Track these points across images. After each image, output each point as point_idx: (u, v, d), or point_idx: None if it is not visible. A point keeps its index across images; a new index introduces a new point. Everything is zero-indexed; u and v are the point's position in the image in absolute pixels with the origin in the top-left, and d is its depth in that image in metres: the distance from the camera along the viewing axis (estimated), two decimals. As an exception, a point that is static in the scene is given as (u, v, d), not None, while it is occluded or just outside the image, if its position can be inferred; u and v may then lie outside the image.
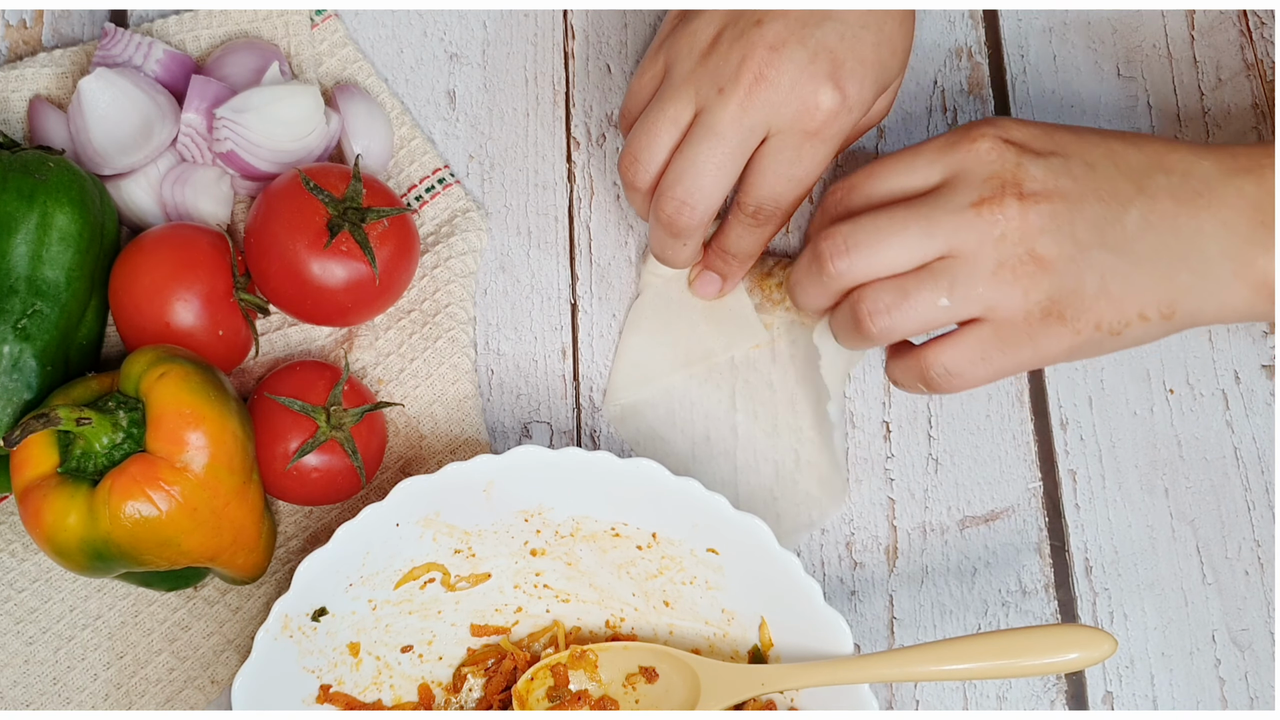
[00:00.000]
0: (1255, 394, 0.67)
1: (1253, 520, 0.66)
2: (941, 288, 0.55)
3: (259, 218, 0.62)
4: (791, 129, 0.58)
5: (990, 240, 0.54)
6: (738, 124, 0.57)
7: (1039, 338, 0.55)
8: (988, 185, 0.55)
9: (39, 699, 0.62)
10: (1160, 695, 0.64)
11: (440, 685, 0.62)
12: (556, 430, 0.66)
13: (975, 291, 0.54)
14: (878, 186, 0.57)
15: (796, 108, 0.57)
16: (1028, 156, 0.55)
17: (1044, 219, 0.54)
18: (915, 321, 0.55)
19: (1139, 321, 0.55)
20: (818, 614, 0.58)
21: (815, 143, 0.58)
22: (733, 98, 0.57)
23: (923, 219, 0.55)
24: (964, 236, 0.54)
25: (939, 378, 0.56)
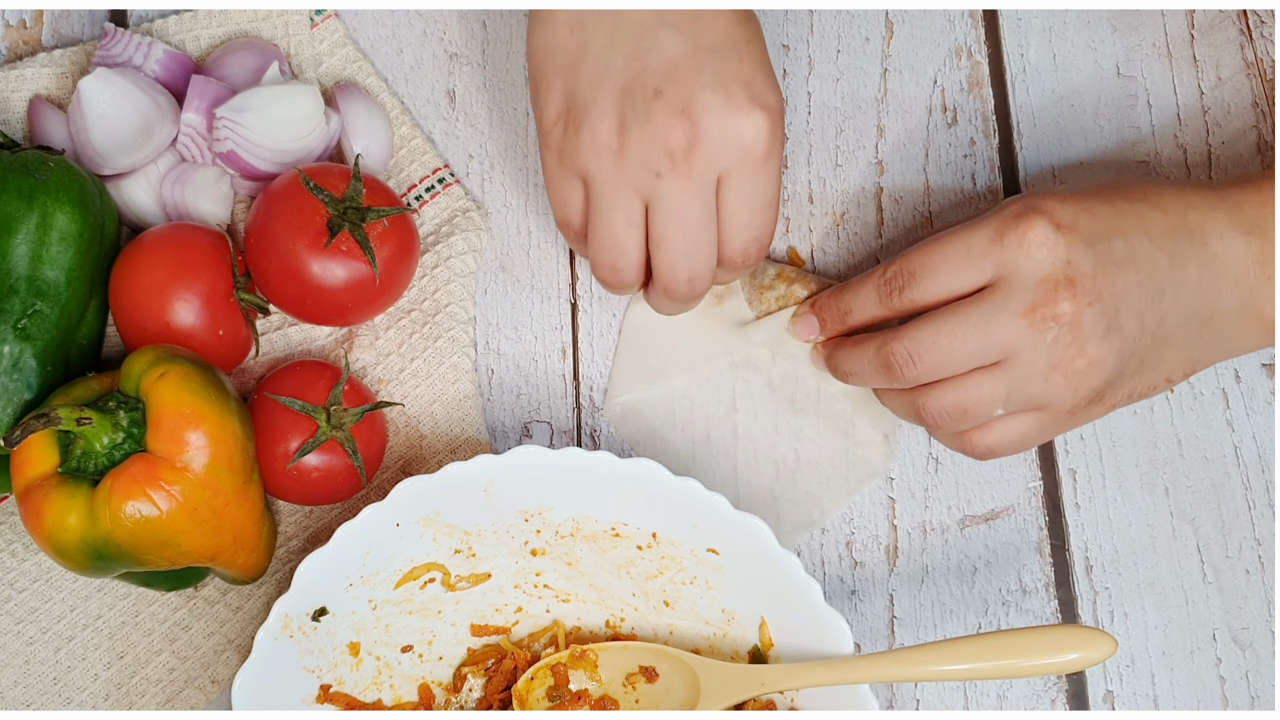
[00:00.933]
0: (1256, 393, 0.67)
1: (1253, 519, 0.66)
2: (999, 397, 0.58)
3: (259, 218, 0.62)
4: (742, 166, 0.56)
5: (1044, 345, 0.56)
6: (691, 193, 0.56)
7: (1081, 418, 0.59)
8: (1040, 289, 0.56)
9: (39, 699, 0.62)
10: (1161, 694, 0.64)
11: (440, 685, 0.62)
12: (557, 430, 0.66)
13: (1029, 393, 0.57)
14: (932, 287, 0.59)
15: (737, 147, 0.56)
16: (1076, 248, 0.57)
17: (1095, 319, 0.56)
18: (972, 424, 0.59)
19: (1164, 384, 0.60)
20: (818, 614, 0.58)
21: (768, 164, 0.57)
22: (676, 176, 0.56)
23: (978, 331, 0.57)
24: (1019, 344, 0.57)
25: (981, 454, 0.60)
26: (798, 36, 0.71)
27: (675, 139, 0.55)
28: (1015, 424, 0.59)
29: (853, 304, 0.62)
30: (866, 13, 0.71)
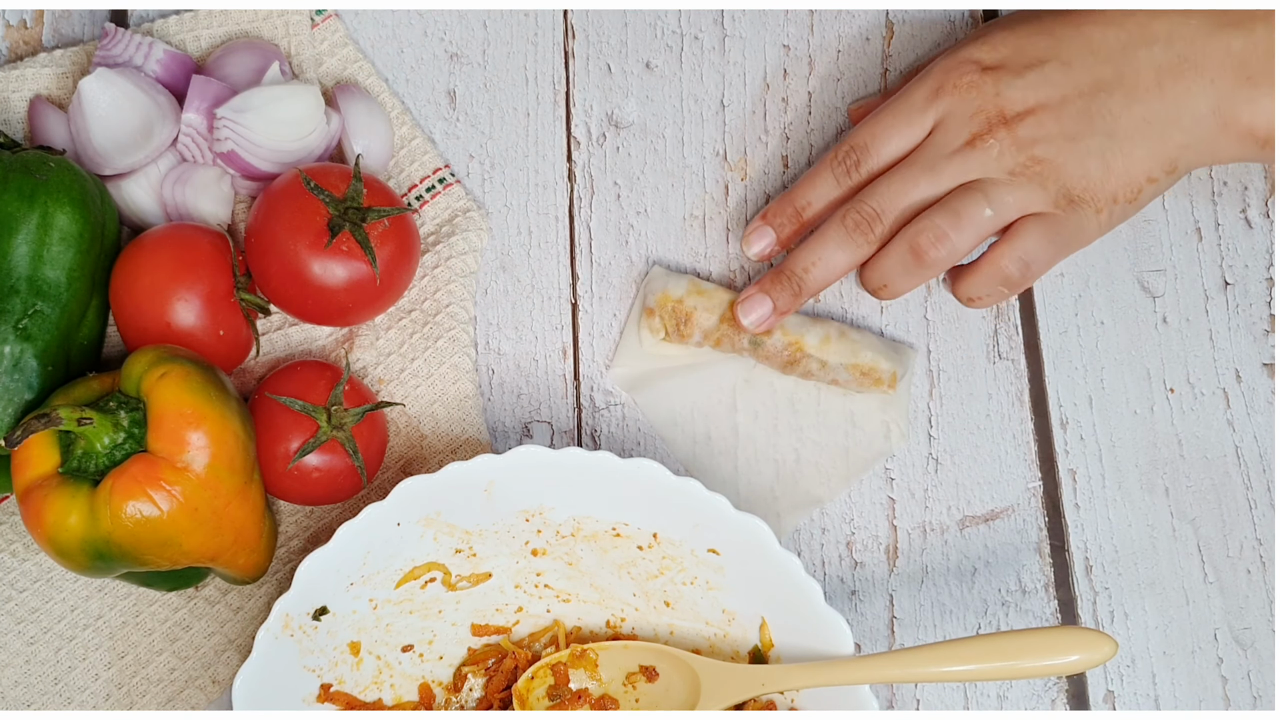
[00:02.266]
0: (1257, 392, 0.67)
1: (1254, 519, 0.66)
2: (980, 201, 0.60)
3: (259, 218, 0.62)
4: None
5: (993, 160, 0.61)
6: None
7: (1074, 221, 0.61)
8: (974, 122, 0.61)
9: (40, 699, 0.62)
10: (1162, 694, 0.64)
11: (441, 685, 0.62)
12: (557, 430, 0.66)
13: (1004, 197, 0.60)
14: (884, 151, 0.62)
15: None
16: (1005, 79, 0.61)
17: (1031, 129, 0.61)
18: (970, 236, 0.61)
19: (1148, 184, 0.62)
20: (818, 614, 0.58)
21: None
22: None
23: (927, 170, 0.61)
24: (969, 168, 0.61)
25: (1019, 271, 0.61)
26: (798, 36, 0.71)
27: None
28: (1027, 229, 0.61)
29: (810, 196, 0.64)
30: (866, 13, 0.71)
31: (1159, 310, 0.68)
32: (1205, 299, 0.68)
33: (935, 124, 0.62)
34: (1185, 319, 0.68)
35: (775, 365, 0.66)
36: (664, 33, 0.71)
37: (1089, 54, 0.61)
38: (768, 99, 0.70)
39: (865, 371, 0.65)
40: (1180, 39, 0.60)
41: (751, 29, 0.71)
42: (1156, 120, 0.61)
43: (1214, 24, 0.60)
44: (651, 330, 0.66)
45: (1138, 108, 0.61)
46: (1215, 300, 0.68)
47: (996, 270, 0.62)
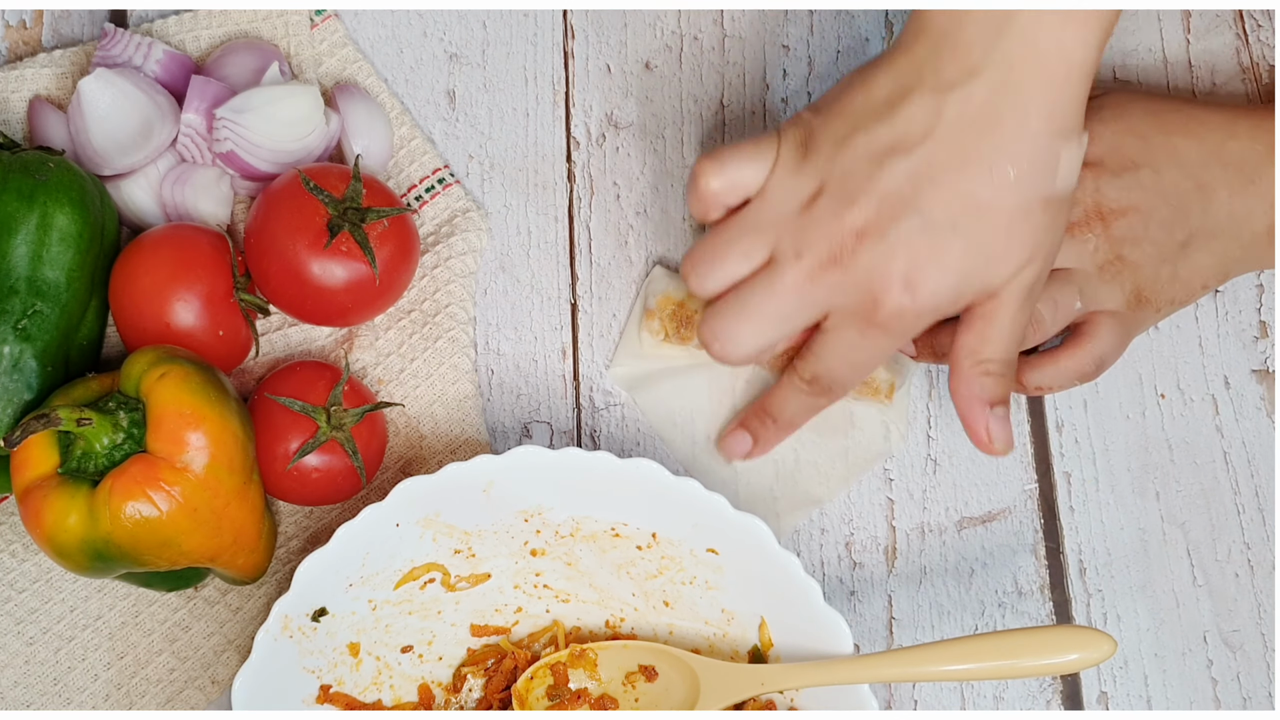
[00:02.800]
0: (1245, 399, 0.68)
1: (1242, 523, 0.67)
2: (1074, 292, 0.63)
3: (259, 218, 0.62)
4: (854, 314, 0.57)
5: (1087, 253, 0.63)
6: (799, 293, 0.57)
7: (1138, 319, 0.64)
8: (1073, 212, 0.62)
9: (40, 699, 0.62)
10: (1154, 696, 0.65)
11: (440, 685, 0.62)
12: (556, 430, 0.67)
13: (1094, 291, 0.63)
14: None
15: (862, 298, 0.56)
16: (1104, 178, 0.63)
17: (1124, 230, 0.63)
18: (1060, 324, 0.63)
19: (1201, 290, 0.65)
20: (817, 614, 0.58)
21: (878, 333, 0.57)
22: (803, 266, 0.56)
23: None
24: (1068, 256, 0.63)
25: (1095, 368, 0.64)
26: (798, 37, 0.71)
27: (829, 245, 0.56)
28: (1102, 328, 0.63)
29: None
30: (866, 13, 0.72)
31: (1152, 315, 0.69)
32: (1195, 306, 0.69)
33: None
34: (1176, 325, 0.69)
35: (776, 369, 0.66)
36: (664, 33, 0.71)
37: (1175, 165, 0.64)
38: (767, 99, 0.70)
39: (864, 383, 0.65)
40: (1250, 164, 0.64)
41: (751, 29, 0.71)
42: (1222, 235, 0.64)
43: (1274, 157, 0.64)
44: (651, 332, 0.66)
45: (1209, 222, 0.64)
46: (1205, 307, 0.69)
47: (1077, 367, 0.63)
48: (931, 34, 0.55)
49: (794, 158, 0.57)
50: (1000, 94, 0.54)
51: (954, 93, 0.54)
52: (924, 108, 0.54)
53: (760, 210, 0.58)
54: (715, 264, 0.58)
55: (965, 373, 0.58)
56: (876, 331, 0.57)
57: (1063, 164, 0.55)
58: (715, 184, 0.58)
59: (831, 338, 0.58)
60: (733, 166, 0.58)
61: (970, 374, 0.58)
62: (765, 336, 0.58)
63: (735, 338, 0.58)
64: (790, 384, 0.62)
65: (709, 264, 0.58)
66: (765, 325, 0.58)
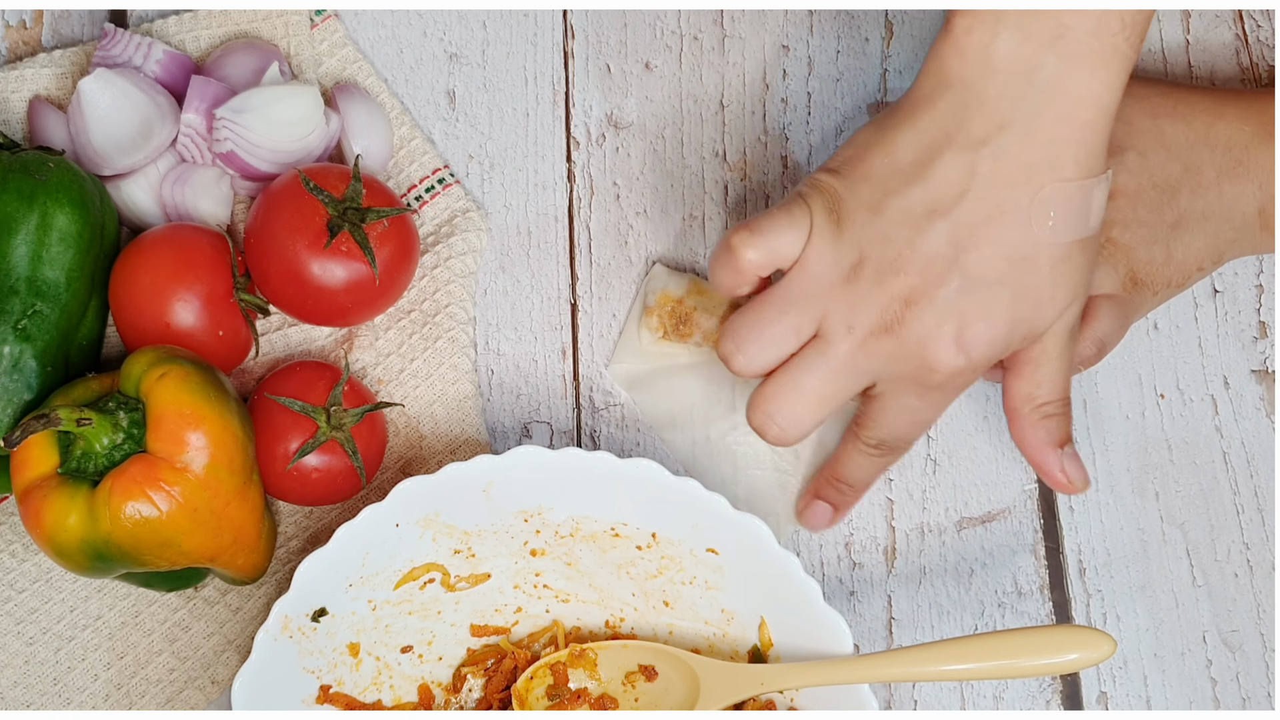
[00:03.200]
0: (1244, 399, 0.68)
1: (1241, 524, 0.67)
2: None
3: (259, 218, 0.62)
4: (909, 379, 0.56)
5: None
6: (852, 366, 0.56)
7: (1135, 302, 0.64)
8: None
9: (39, 699, 0.62)
10: (1154, 696, 0.65)
11: (440, 685, 0.62)
12: (556, 430, 0.67)
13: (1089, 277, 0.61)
14: None
15: (916, 365, 0.56)
16: None
17: (1111, 213, 0.63)
18: None
19: (1197, 273, 0.65)
20: (817, 614, 0.58)
21: (935, 394, 0.57)
22: (855, 339, 0.55)
23: None
24: None
25: (1095, 351, 0.63)
26: (798, 37, 0.71)
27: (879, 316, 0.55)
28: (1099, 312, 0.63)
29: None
30: (866, 13, 0.72)
31: (1150, 317, 0.69)
32: (1195, 306, 0.69)
33: None
34: (1175, 325, 0.69)
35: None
36: (664, 33, 0.71)
37: (1162, 148, 0.64)
38: (767, 99, 0.70)
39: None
40: (1237, 145, 0.64)
41: (751, 29, 0.71)
42: (1213, 216, 0.64)
43: (1266, 134, 0.64)
44: (650, 329, 0.66)
45: (1199, 203, 0.64)
46: (1205, 307, 0.69)
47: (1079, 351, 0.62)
48: (955, 88, 0.54)
49: (828, 226, 0.56)
50: (1031, 146, 0.53)
51: (985, 149, 0.54)
52: (956, 167, 0.54)
53: (802, 283, 0.56)
54: (763, 342, 0.57)
55: (1027, 419, 0.59)
56: (933, 392, 0.57)
57: (1094, 204, 0.55)
58: (753, 255, 0.57)
59: (890, 403, 0.58)
60: (772, 236, 0.56)
61: (1032, 420, 0.59)
62: (823, 413, 0.57)
63: (795, 418, 0.57)
64: (858, 450, 0.61)
65: (756, 343, 0.57)
66: (822, 403, 0.57)
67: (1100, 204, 0.55)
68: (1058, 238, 0.54)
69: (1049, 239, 0.54)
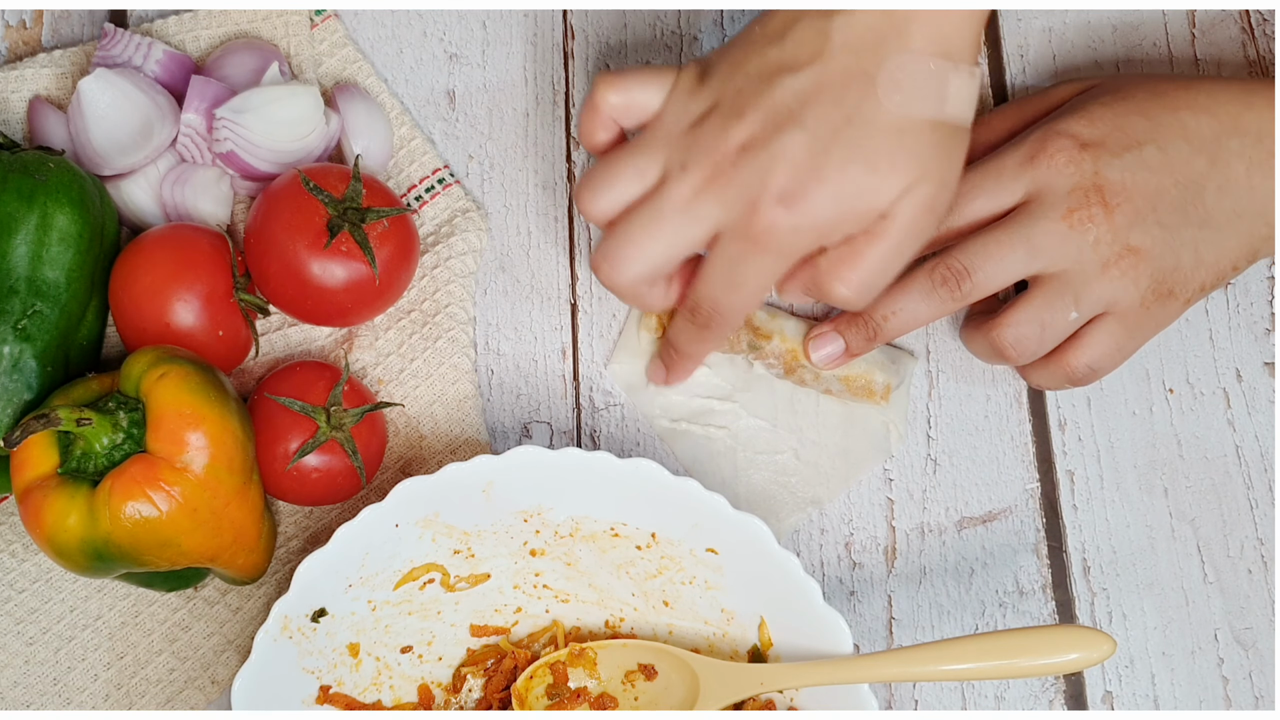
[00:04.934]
0: (1258, 392, 0.67)
1: (1255, 518, 0.66)
2: (1068, 304, 0.61)
3: (259, 218, 0.62)
4: (735, 232, 0.56)
5: (1089, 245, 0.60)
6: (684, 210, 0.56)
7: (1157, 315, 0.62)
8: (1072, 198, 0.60)
9: (39, 699, 0.62)
10: (1162, 695, 0.64)
11: (440, 685, 0.62)
12: (556, 430, 0.67)
13: (1094, 295, 0.61)
14: (965, 213, 0.62)
15: (744, 213, 0.55)
16: (1104, 159, 0.61)
17: (1129, 216, 0.60)
18: (1053, 340, 0.62)
19: (1232, 273, 0.63)
20: (817, 614, 0.58)
21: (757, 251, 0.56)
22: (688, 181, 0.56)
23: (1024, 241, 0.60)
24: (1065, 250, 0.60)
25: (1084, 375, 0.62)
26: (798, 36, 0.71)
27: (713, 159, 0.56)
28: (1101, 334, 0.61)
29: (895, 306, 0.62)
30: (867, 12, 0.71)
31: (1158, 311, 0.68)
32: (1205, 299, 0.68)
33: (1028, 195, 0.61)
34: (1185, 319, 0.68)
35: (775, 368, 0.66)
36: (664, 33, 0.71)
37: (1184, 141, 0.61)
38: (767, 99, 0.70)
39: (860, 386, 0.65)
40: (1268, 135, 0.61)
41: (751, 29, 0.71)
42: (1246, 213, 0.62)
43: None
44: (649, 329, 0.66)
45: (1228, 200, 0.61)
46: (1215, 300, 0.68)
47: (1064, 371, 0.63)
48: None
49: (691, 82, 0.58)
50: (885, 18, 0.54)
51: (839, 17, 0.55)
52: (812, 29, 0.55)
53: (654, 130, 0.58)
54: (606, 185, 0.58)
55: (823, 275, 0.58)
56: (755, 249, 0.56)
57: (951, 89, 0.54)
58: (613, 98, 0.59)
59: (712, 259, 0.58)
60: (634, 85, 0.59)
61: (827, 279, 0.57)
62: (654, 257, 0.57)
63: (624, 258, 0.57)
64: (680, 314, 0.61)
65: (601, 186, 0.58)
66: (654, 245, 0.57)
67: (960, 93, 0.55)
68: (903, 110, 0.54)
69: (893, 109, 0.54)
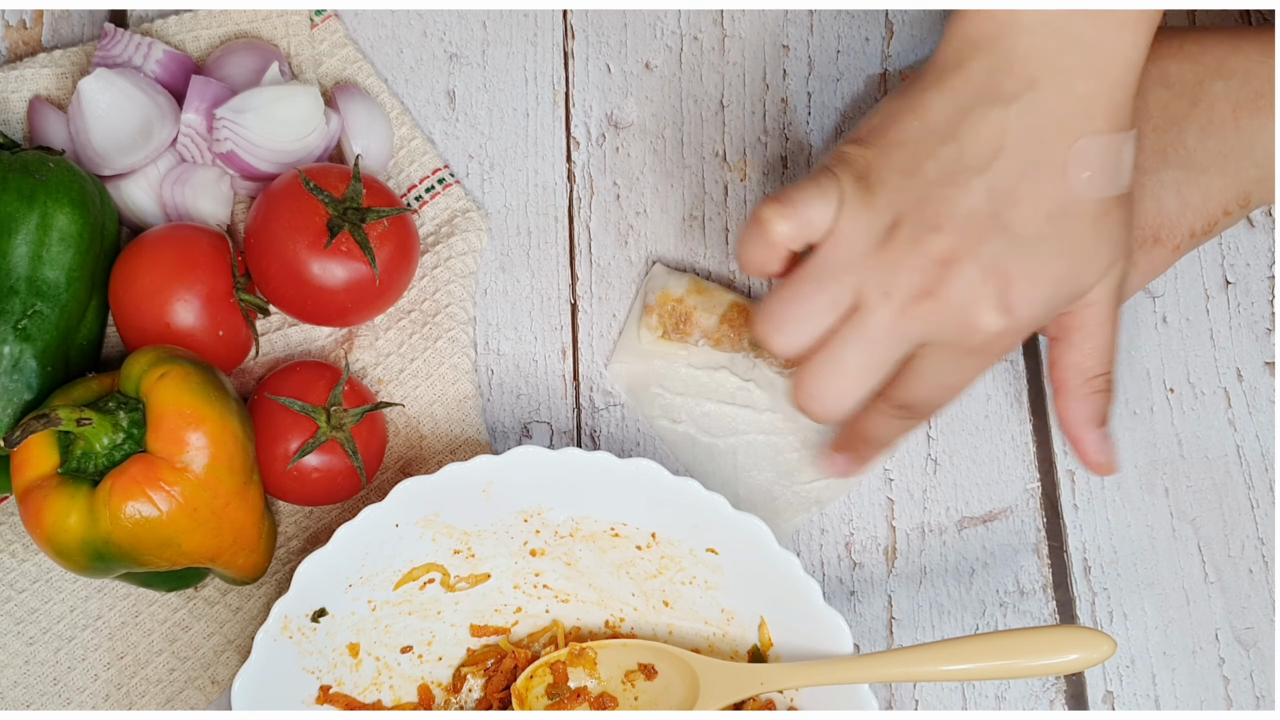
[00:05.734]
0: (1259, 391, 0.67)
1: (1256, 518, 0.66)
2: None
3: (259, 218, 0.62)
4: (951, 344, 0.54)
5: None
6: (893, 334, 0.54)
7: (1143, 264, 0.61)
8: None
9: (39, 699, 0.62)
10: (1162, 695, 0.64)
11: (440, 685, 0.62)
12: (556, 430, 0.67)
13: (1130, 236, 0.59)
14: None
15: (959, 328, 0.54)
16: None
17: None
18: None
19: (1224, 217, 0.61)
20: (817, 614, 0.58)
21: (975, 359, 0.55)
22: (894, 305, 0.53)
23: None
24: None
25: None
26: (798, 37, 0.71)
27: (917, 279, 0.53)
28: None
29: None
30: (866, 13, 0.71)
31: (1159, 310, 0.68)
32: (1206, 298, 0.68)
33: None
34: (1185, 318, 0.68)
35: (775, 366, 0.66)
36: (664, 33, 0.71)
37: (1163, 87, 0.61)
38: (767, 99, 0.70)
39: None
40: (1257, 76, 0.60)
41: (751, 29, 0.71)
42: (1232, 153, 0.61)
43: None
44: (650, 328, 0.66)
45: (1213, 141, 0.60)
46: (1216, 299, 0.68)
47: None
48: (983, 49, 0.53)
49: (859, 193, 0.54)
50: (1064, 101, 0.53)
51: (1017, 104, 0.53)
52: (990, 124, 0.53)
53: (836, 253, 0.54)
54: (801, 320, 0.55)
55: (1075, 392, 0.58)
56: (973, 358, 0.55)
57: (1125, 159, 0.54)
58: (785, 228, 0.55)
59: (925, 365, 0.55)
60: (802, 207, 0.54)
61: (1081, 394, 0.58)
62: (866, 386, 0.55)
63: (838, 396, 0.55)
64: (882, 412, 0.58)
65: (794, 321, 0.55)
66: (865, 376, 0.55)
67: (1130, 160, 0.54)
68: (1094, 192, 0.53)
69: (1086, 193, 0.53)
